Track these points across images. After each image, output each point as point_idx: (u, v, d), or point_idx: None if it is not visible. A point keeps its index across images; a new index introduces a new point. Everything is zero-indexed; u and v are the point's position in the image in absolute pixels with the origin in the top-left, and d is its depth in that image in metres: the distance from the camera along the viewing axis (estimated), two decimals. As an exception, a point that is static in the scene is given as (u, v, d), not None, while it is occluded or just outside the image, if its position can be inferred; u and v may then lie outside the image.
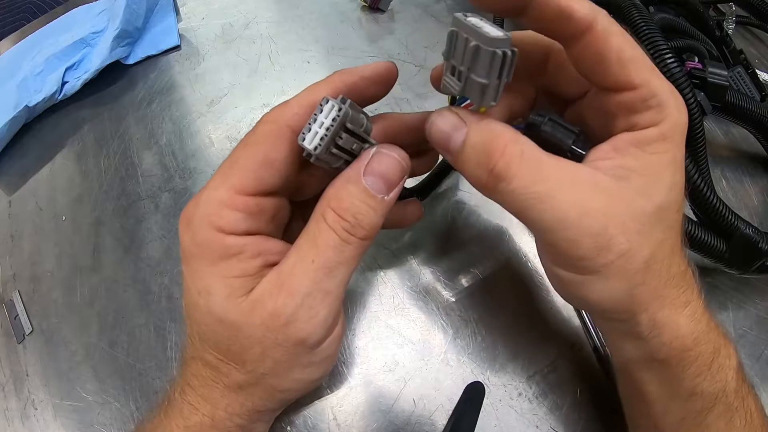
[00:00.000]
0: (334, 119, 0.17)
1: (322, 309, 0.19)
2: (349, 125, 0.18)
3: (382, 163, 0.19)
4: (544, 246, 0.19)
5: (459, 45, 0.17)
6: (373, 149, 0.19)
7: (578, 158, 0.19)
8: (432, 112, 0.19)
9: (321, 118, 0.17)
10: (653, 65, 0.18)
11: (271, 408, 0.22)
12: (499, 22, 0.18)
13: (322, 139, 0.17)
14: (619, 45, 0.17)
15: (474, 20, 0.17)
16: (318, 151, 0.17)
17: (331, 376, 0.27)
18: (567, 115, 0.22)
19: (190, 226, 0.19)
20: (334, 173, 0.19)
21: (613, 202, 0.17)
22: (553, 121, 0.19)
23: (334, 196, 0.18)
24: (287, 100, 0.20)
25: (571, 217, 0.17)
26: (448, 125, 0.18)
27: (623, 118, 0.18)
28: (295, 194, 0.22)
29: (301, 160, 0.19)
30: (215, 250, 0.18)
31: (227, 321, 0.19)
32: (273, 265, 0.19)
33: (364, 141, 0.19)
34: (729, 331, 0.29)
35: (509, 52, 0.16)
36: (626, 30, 0.18)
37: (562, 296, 0.21)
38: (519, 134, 0.18)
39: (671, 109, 0.18)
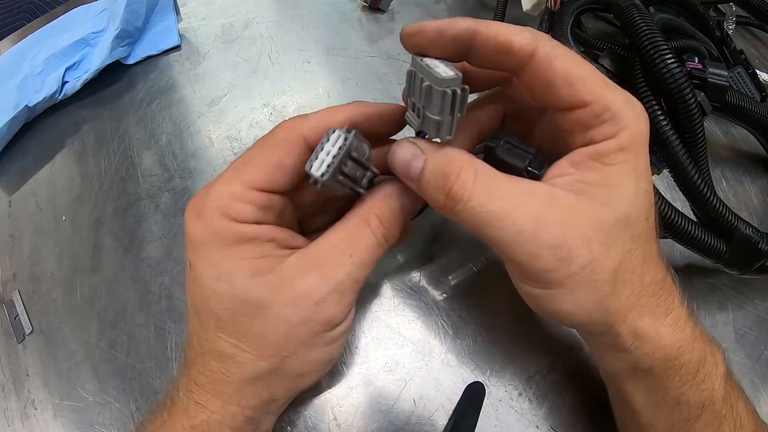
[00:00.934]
0: (340, 148, 0.18)
1: (350, 295, 0.21)
2: (354, 154, 0.19)
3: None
4: (508, 263, 0.20)
5: (416, 84, 0.18)
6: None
7: (535, 178, 0.19)
8: (394, 142, 0.20)
9: (328, 146, 0.18)
10: (605, 79, 0.18)
11: (286, 396, 0.22)
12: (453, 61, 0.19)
13: (329, 166, 0.18)
14: (564, 67, 0.18)
15: (430, 61, 0.18)
16: (325, 178, 0.18)
17: (331, 376, 0.27)
18: (534, 134, 0.23)
19: (201, 215, 0.19)
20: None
21: (572, 215, 0.18)
22: (509, 143, 0.20)
23: (379, 208, 0.21)
24: (307, 114, 0.21)
25: (528, 230, 0.17)
26: (408, 154, 0.19)
27: (579, 135, 0.19)
28: (296, 196, 0.23)
29: None
30: (229, 236, 0.19)
31: (253, 299, 0.19)
32: (286, 248, 0.21)
33: (367, 169, 0.20)
34: (729, 331, 0.29)
35: (458, 91, 0.17)
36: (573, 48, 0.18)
37: (538, 313, 0.21)
38: (474, 158, 0.19)
39: (627, 119, 0.18)
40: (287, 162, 0.20)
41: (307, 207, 0.24)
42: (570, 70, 0.18)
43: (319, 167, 0.18)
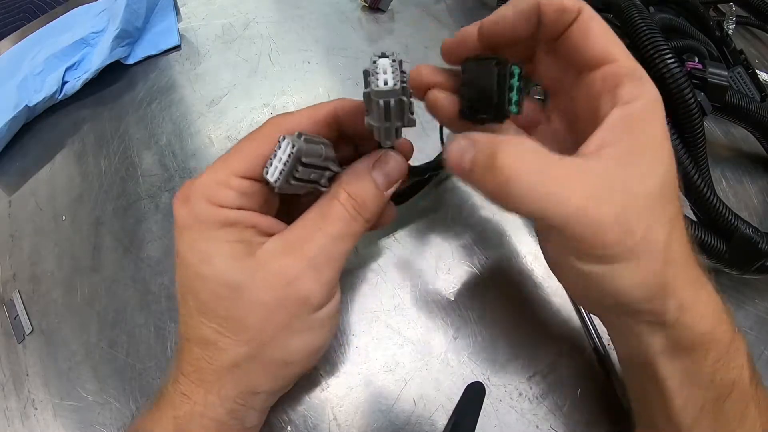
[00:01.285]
0: (289, 155, 0.19)
1: (326, 271, 0.21)
2: (304, 159, 0.19)
3: (389, 163, 0.22)
4: (565, 243, 0.19)
5: (367, 83, 0.19)
6: (381, 151, 0.22)
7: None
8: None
9: (279, 153, 0.19)
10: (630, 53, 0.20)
11: (269, 388, 0.22)
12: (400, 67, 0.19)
13: (281, 173, 0.19)
14: (600, 26, 0.20)
15: (382, 62, 0.18)
16: (278, 183, 0.19)
17: (331, 376, 0.27)
18: (552, 109, 0.23)
19: (187, 201, 0.20)
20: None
21: (625, 187, 0.18)
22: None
23: (347, 182, 0.21)
24: (293, 111, 0.22)
25: (590, 206, 0.17)
26: (457, 149, 0.19)
27: (607, 95, 0.19)
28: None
29: None
30: (212, 220, 0.20)
31: (232, 282, 0.20)
32: (267, 235, 0.21)
33: (325, 169, 0.21)
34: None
35: (392, 102, 0.18)
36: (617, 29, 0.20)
37: (583, 304, 0.21)
38: (523, 141, 0.18)
39: (648, 84, 0.19)
40: (269, 154, 0.20)
41: (296, 198, 0.24)
42: (606, 31, 0.20)
43: (273, 173, 0.19)
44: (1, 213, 0.34)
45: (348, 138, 0.24)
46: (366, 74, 0.19)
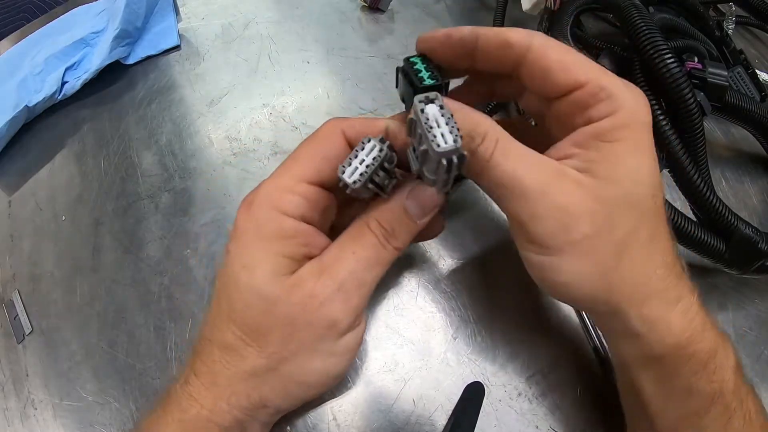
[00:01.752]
0: (375, 158, 0.19)
1: (355, 296, 0.21)
2: (386, 165, 0.20)
3: (423, 194, 0.22)
4: (514, 227, 0.20)
5: (416, 133, 0.18)
6: (415, 181, 0.22)
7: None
8: None
9: (362, 155, 0.19)
10: (601, 67, 0.19)
11: (278, 404, 0.22)
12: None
13: (362, 175, 0.19)
14: (558, 55, 0.19)
15: (432, 113, 0.17)
16: (357, 185, 0.19)
17: (331, 376, 0.27)
18: (536, 131, 0.24)
19: (250, 206, 0.21)
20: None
21: (576, 187, 0.18)
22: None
23: (378, 210, 0.21)
24: (349, 117, 0.22)
25: (535, 191, 0.18)
26: None
27: (579, 116, 0.19)
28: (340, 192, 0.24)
29: None
30: (271, 228, 0.20)
31: (266, 295, 0.20)
32: (316, 254, 0.21)
33: (393, 177, 0.21)
34: (729, 331, 0.29)
35: (455, 159, 0.17)
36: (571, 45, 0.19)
37: (540, 286, 0.22)
38: (496, 124, 0.19)
39: (624, 99, 0.19)
40: (332, 154, 0.21)
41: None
42: (564, 57, 0.19)
43: (351, 174, 0.19)
44: (1, 213, 0.34)
45: None
46: (412, 124, 0.18)
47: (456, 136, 0.17)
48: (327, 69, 0.40)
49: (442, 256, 0.31)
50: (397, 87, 0.22)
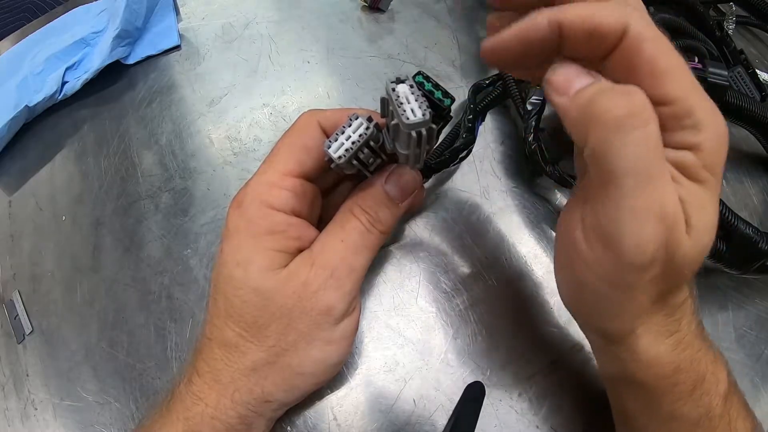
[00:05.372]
0: (361, 135, 0.19)
1: (348, 282, 0.21)
2: (371, 143, 0.20)
3: (402, 176, 0.22)
4: (610, 194, 0.16)
5: (388, 111, 0.19)
6: (394, 165, 0.22)
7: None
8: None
9: (349, 131, 0.19)
10: (695, 80, 0.16)
11: (280, 398, 0.22)
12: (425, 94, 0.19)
13: (347, 150, 0.19)
14: (652, 53, 0.15)
15: (403, 91, 0.18)
16: (341, 161, 0.19)
17: (331, 376, 0.27)
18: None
19: (240, 205, 0.21)
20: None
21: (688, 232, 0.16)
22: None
23: (361, 197, 0.22)
24: (325, 109, 0.22)
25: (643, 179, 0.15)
26: (573, 71, 0.16)
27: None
28: (321, 182, 0.24)
29: None
30: (262, 225, 0.21)
31: (262, 290, 0.20)
32: (307, 247, 0.22)
33: (378, 156, 0.21)
34: (728, 331, 0.29)
35: (423, 132, 0.18)
36: (664, 33, 0.16)
37: (566, 265, 0.20)
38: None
39: (709, 132, 0.16)
40: (310, 144, 0.21)
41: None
42: (658, 59, 0.15)
43: (337, 149, 0.19)
44: (1, 213, 0.34)
45: None
46: (385, 102, 0.19)
47: (425, 110, 0.18)
48: (327, 69, 0.40)
49: (442, 256, 0.31)
50: (384, 116, 0.20)
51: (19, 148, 0.37)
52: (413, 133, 0.18)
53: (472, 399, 0.22)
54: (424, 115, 0.18)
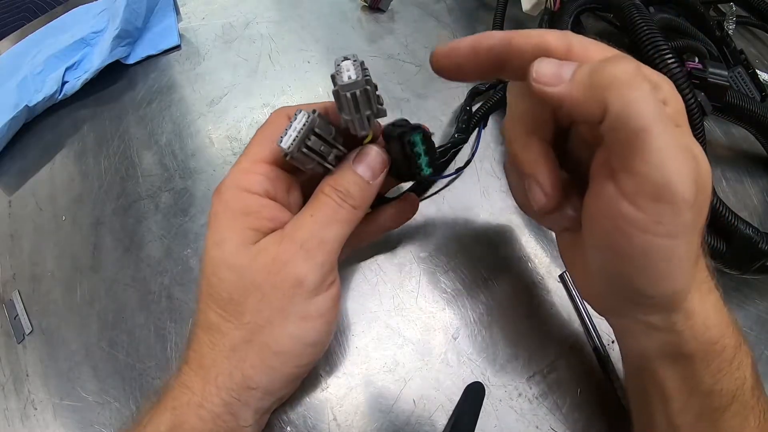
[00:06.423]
0: (304, 124, 0.21)
1: (318, 254, 0.21)
2: (316, 130, 0.21)
3: (368, 155, 0.23)
4: (631, 169, 0.16)
5: (335, 84, 0.21)
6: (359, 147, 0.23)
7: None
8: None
9: (294, 124, 0.21)
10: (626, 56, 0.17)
11: (263, 386, 0.21)
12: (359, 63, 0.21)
13: (294, 139, 0.21)
14: (599, 55, 0.18)
15: (345, 63, 0.20)
16: (291, 149, 0.21)
17: (331, 376, 0.27)
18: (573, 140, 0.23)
19: (220, 192, 0.22)
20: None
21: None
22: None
23: (332, 177, 0.23)
24: (293, 105, 0.24)
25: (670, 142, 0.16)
26: (554, 65, 0.18)
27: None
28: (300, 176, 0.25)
29: None
30: (237, 206, 0.22)
31: (236, 266, 0.21)
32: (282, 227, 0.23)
33: (333, 146, 0.22)
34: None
35: (358, 93, 0.20)
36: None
37: (595, 292, 0.21)
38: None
39: (665, 90, 0.18)
40: (279, 135, 0.22)
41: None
42: (592, 54, 0.18)
43: (287, 141, 0.21)
44: (1, 213, 0.34)
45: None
46: (333, 78, 0.21)
47: (359, 75, 0.19)
48: (327, 69, 0.40)
49: (442, 256, 0.31)
50: (389, 153, 0.23)
51: (19, 148, 0.37)
52: (348, 95, 0.19)
53: (472, 399, 0.22)
54: (357, 76, 0.19)
